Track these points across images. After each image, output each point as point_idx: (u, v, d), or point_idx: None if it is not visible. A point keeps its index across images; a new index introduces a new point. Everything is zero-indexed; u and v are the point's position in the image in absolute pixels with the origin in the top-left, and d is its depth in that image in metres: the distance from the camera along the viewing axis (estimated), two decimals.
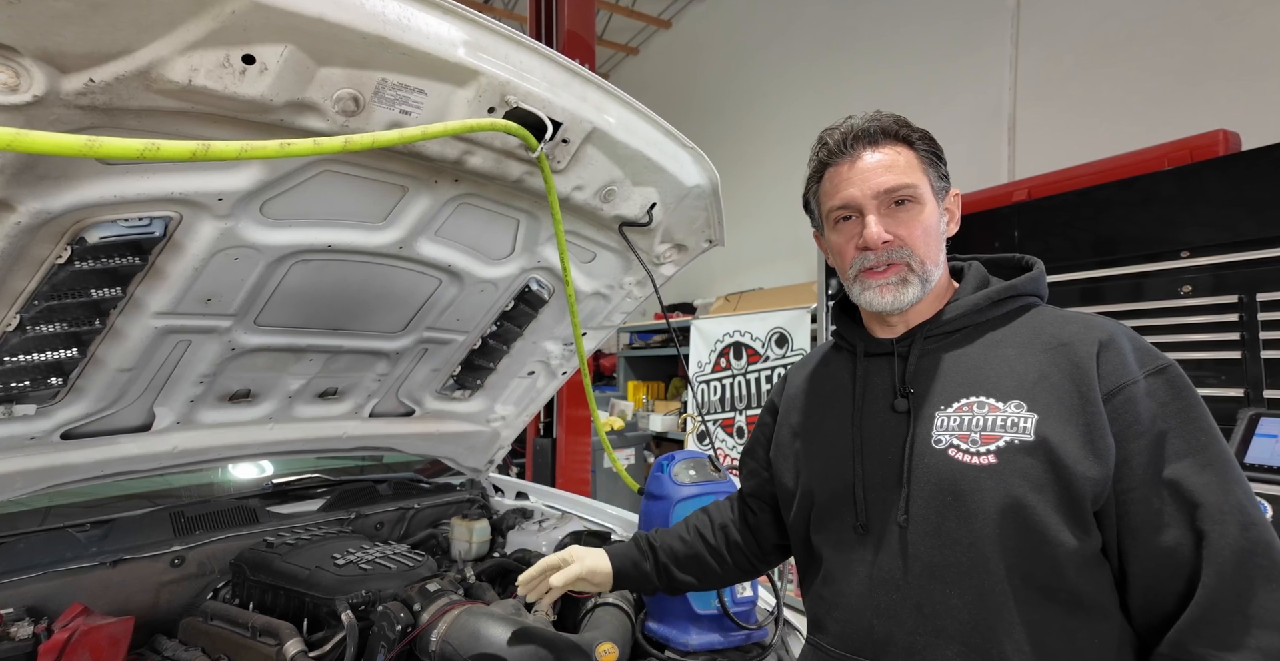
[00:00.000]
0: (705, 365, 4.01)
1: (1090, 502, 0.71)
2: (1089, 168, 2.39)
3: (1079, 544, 0.70)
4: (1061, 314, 0.81)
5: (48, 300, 0.96)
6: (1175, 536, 0.68)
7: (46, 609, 1.15)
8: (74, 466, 1.24)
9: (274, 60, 0.78)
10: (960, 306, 0.83)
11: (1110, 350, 0.74)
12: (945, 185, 0.86)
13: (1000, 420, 0.74)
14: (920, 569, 0.76)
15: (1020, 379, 0.76)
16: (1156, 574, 0.70)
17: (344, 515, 1.66)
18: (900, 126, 0.84)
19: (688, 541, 1.06)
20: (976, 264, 0.90)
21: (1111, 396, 0.71)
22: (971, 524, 0.73)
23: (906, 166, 0.82)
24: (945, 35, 3.75)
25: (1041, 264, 0.87)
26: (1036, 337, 0.78)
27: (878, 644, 0.78)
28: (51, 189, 0.81)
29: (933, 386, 0.81)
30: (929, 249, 0.82)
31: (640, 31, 6.40)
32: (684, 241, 1.53)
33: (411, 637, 1.10)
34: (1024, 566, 0.71)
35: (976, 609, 0.72)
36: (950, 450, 0.76)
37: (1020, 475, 0.72)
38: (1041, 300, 0.86)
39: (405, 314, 1.43)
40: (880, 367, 0.87)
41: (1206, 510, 0.67)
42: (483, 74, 0.93)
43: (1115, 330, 0.76)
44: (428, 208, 1.17)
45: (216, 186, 0.94)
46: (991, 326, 0.82)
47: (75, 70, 0.68)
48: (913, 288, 0.82)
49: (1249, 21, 2.58)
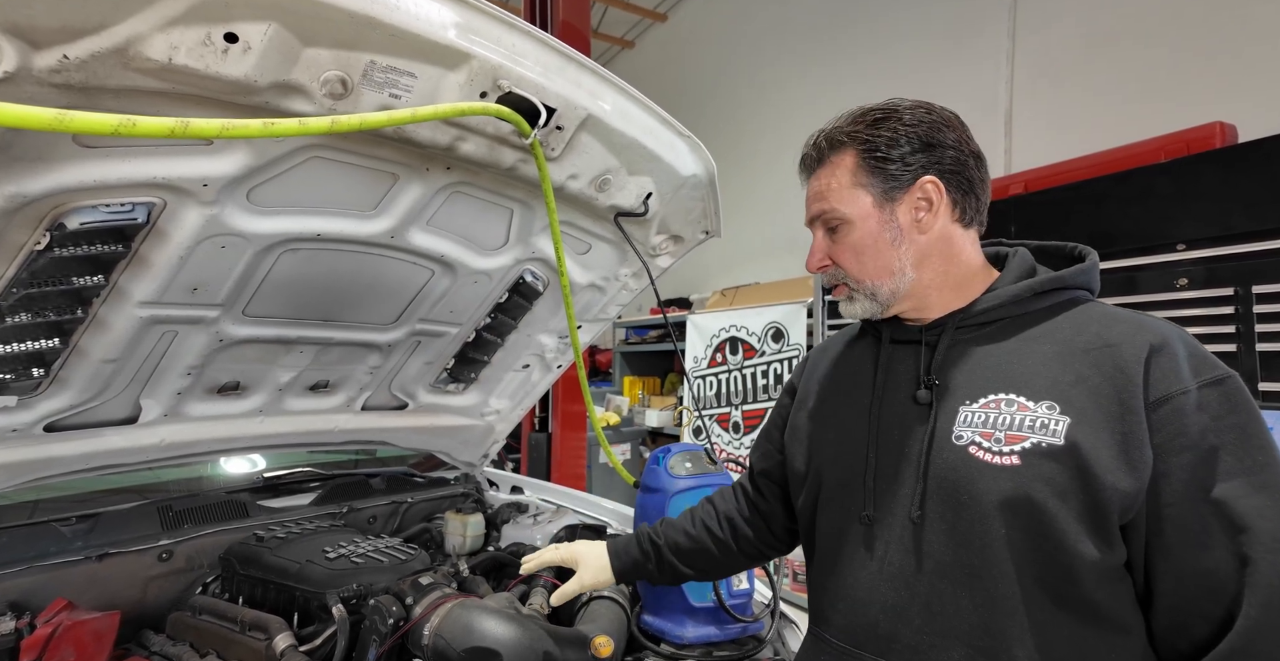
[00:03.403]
0: (701, 360, 4.00)
1: (1118, 515, 0.66)
2: (1085, 161, 2.39)
3: (1100, 556, 0.66)
4: (1111, 312, 0.75)
5: (27, 288, 0.93)
6: (1215, 559, 0.64)
7: (29, 604, 1.13)
8: (58, 459, 1.21)
9: (257, 39, 0.75)
10: (998, 296, 0.78)
11: (1162, 355, 0.67)
12: (899, 183, 0.78)
13: (1029, 420, 0.70)
14: (932, 567, 0.73)
15: (1056, 378, 0.71)
16: (1187, 595, 0.65)
17: (336, 509, 1.64)
18: (842, 135, 0.81)
19: (693, 536, 1.04)
20: (1023, 251, 0.84)
21: (1158, 406, 0.66)
22: (987, 525, 0.70)
23: (838, 187, 0.81)
24: (941, 28, 3.74)
25: (1095, 255, 0.80)
26: (1079, 335, 0.73)
27: (882, 639, 0.76)
28: (27, 171, 0.79)
29: (960, 379, 0.76)
30: (864, 267, 0.81)
31: (636, 24, 6.36)
32: (680, 232, 1.51)
33: (404, 631, 1.08)
34: (1039, 573, 0.68)
35: (987, 611, 0.70)
36: (971, 447, 0.72)
37: (1043, 480, 0.68)
38: (1092, 295, 0.79)
39: (397, 305, 1.41)
40: (905, 356, 0.83)
41: (1256, 535, 0.62)
42: (474, 57, 0.91)
43: (1170, 334, 0.70)
44: (419, 196, 1.15)
45: (201, 171, 0.92)
46: (1032, 320, 0.77)
47: (48, 46, 0.66)
48: (859, 303, 0.83)
49: (1245, 13, 2.58)
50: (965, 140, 0.80)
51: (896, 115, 0.79)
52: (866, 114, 0.81)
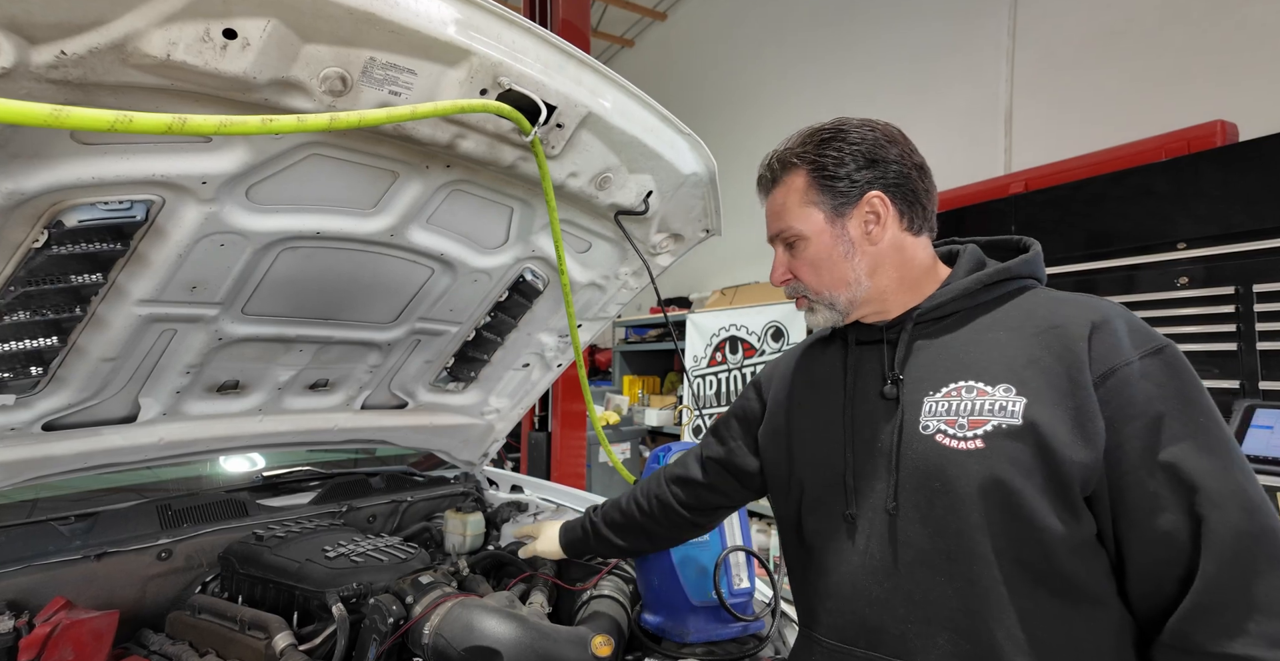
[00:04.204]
0: (701, 359, 4.00)
1: (1080, 487, 0.69)
2: (1086, 160, 2.39)
3: (1067, 529, 0.69)
4: (1056, 296, 0.80)
5: (25, 286, 0.93)
6: (1172, 521, 0.67)
7: (28, 603, 1.12)
8: (56, 458, 1.21)
9: (256, 35, 0.75)
10: (951, 291, 0.82)
11: (1103, 331, 0.72)
12: (848, 199, 0.83)
13: (989, 404, 0.73)
14: (910, 556, 0.76)
15: (1010, 362, 0.74)
16: (1154, 559, 0.68)
17: (335, 508, 1.63)
18: (790, 155, 0.86)
19: (626, 511, 1.18)
20: (972, 247, 0.88)
21: (1105, 379, 0.70)
22: (959, 509, 0.72)
23: (791, 206, 0.86)
24: (942, 27, 3.74)
25: (1038, 245, 0.85)
26: (1029, 320, 0.77)
27: (870, 632, 0.78)
28: (25, 168, 0.78)
29: (922, 371, 0.80)
30: (821, 280, 0.86)
31: (635, 23, 6.35)
32: (681, 231, 1.51)
33: (404, 630, 1.08)
34: (1013, 552, 0.70)
35: (967, 595, 0.72)
36: (938, 435, 0.75)
37: (1008, 459, 0.71)
38: (1039, 283, 0.84)
39: (397, 304, 1.40)
40: (871, 355, 0.87)
41: (1206, 494, 0.65)
42: (474, 54, 0.90)
43: (1110, 311, 0.74)
44: (419, 194, 1.14)
45: (200, 169, 0.91)
46: (984, 310, 0.81)
47: (45, 41, 0.65)
48: (820, 314, 0.87)
49: (1245, 11, 2.57)
50: (908, 153, 0.84)
51: (842, 134, 0.84)
52: (814, 134, 0.86)
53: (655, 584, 1.24)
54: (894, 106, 3.99)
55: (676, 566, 1.21)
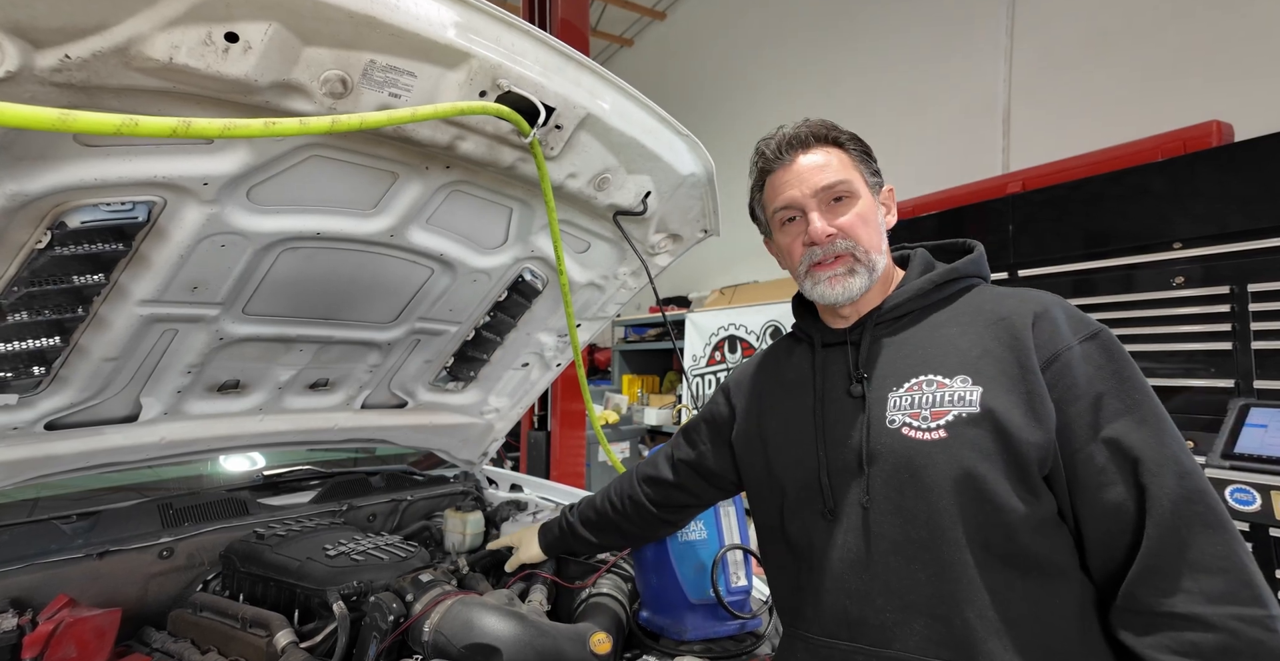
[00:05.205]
0: (700, 358, 4.01)
1: (1038, 467, 0.74)
2: (1083, 160, 2.40)
3: (1029, 508, 0.73)
4: (1000, 291, 0.86)
5: (28, 286, 0.94)
6: (1120, 493, 0.71)
7: (31, 601, 1.13)
8: (58, 457, 1.22)
9: (258, 39, 0.76)
10: (906, 292, 0.88)
11: (1044, 320, 0.77)
12: (878, 181, 0.91)
13: (948, 395, 0.78)
14: (885, 547, 0.78)
15: (964, 355, 0.79)
16: (1107, 530, 0.72)
17: (336, 507, 1.64)
18: (829, 130, 0.90)
19: (599, 510, 1.22)
20: (921, 250, 0.94)
21: (1050, 363, 0.75)
22: (928, 498, 0.76)
23: (839, 165, 0.88)
24: (940, 28, 3.74)
25: (981, 247, 0.91)
26: (979, 315, 0.82)
27: (852, 625, 0.80)
28: (29, 170, 0.79)
29: (885, 369, 0.85)
30: (871, 238, 0.87)
31: (635, 22, 6.35)
32: (679, 231, 1.52)
33: (404, 628, 1.09)
34: (981, 535, 0.74)
35: (939, 580, 0.75)
36: (904, 428, 0.79)
37: (970, 446, 0.75)
38: (984, 281, 0.90)
39: (397, 304, 1.41)
40: (837, 357, 0.91)
41: (1145, 464, 0.70)
42: (474, 56, 0.91)
43: (1049, 302, 0.80)
44: (419, 195, 1.15)
45: (201, 170, 0.92)
46: (937, 308, 0.87)
47: (50, 45, 0.66)
48: (860, 277, 0.87)
49: (1243, 12, 2.58)
50: None
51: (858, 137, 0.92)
52: (836, 127, 0.92)
53: (653, 582, 1.25)
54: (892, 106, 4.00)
55: (675, 564, 1.22)
